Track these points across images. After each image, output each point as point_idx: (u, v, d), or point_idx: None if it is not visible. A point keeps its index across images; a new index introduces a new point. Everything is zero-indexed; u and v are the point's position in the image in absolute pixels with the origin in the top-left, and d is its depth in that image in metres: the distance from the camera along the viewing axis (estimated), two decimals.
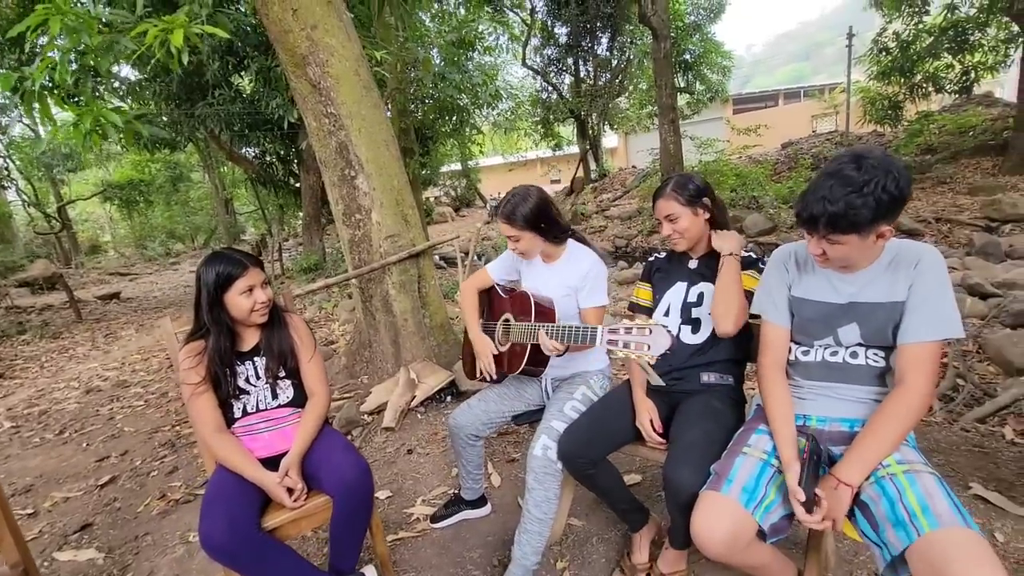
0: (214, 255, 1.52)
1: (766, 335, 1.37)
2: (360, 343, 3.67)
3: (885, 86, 13.54)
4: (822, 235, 1.15)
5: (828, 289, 1.29)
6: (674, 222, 1.57)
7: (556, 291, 1.72)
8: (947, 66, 12.79)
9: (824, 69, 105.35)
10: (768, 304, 1.38)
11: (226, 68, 8.33)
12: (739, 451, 1.26)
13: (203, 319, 1.51)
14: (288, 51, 3.03)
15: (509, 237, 1.71)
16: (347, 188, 3.25)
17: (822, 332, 1.30)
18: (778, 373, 1.33)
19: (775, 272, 1.39)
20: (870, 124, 14.64)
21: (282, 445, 1.55)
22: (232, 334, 1.55)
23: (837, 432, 1.27)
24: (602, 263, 1.73)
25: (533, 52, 18.12)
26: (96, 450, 3.24)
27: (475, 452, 1.89)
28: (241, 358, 1.57)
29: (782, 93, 31.07)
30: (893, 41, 13.02)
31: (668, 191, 1.56)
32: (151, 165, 21.25)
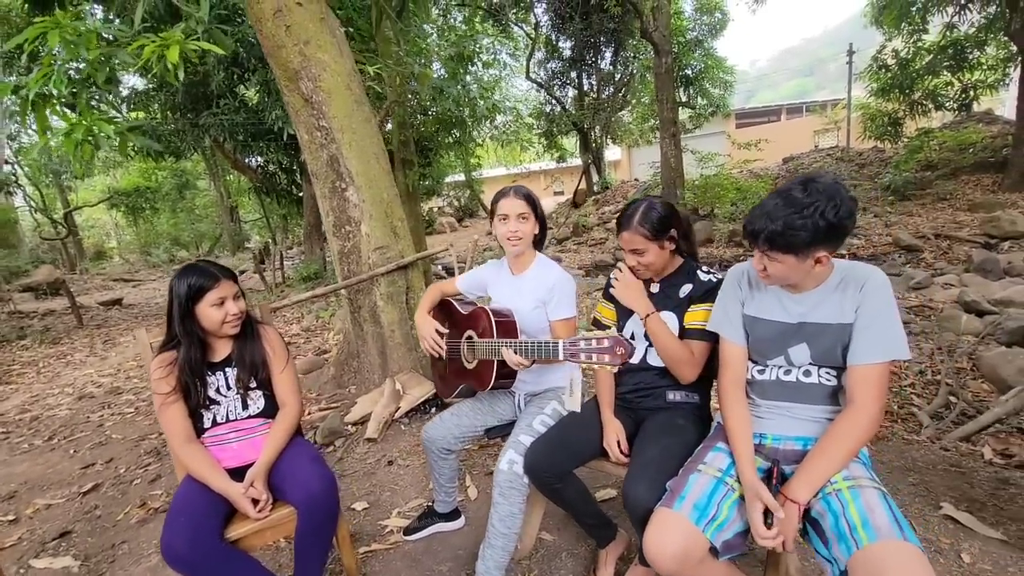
0: (187, 267, 1.55)
1: (724, 353, 1.39)
2: (348, 353, 3.69)
3: (885, 103, 13.62)
4: (762, 251, 1.19)
5: (778, 309, 1.31)
6: (640, 255, 1.53)
7: (526, 304, 1.74)
8: (946, 84, 12.87)
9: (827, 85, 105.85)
10: (724, 322, 1.40)
11: (231, 79, 8.48)
12: (695, 468, 1.27)
13: (175, 330, 1.53)
14: (281, 66, 3.09)
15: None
16: (337, 200, 3.29)
17: (774, 351, 1.32)
18: (737, 391, 1.34)
19: (729, 290, 1.41)
20: (870, 140, 14.69)
21: (251, 455, 1.56)
22: (203, 345, 1.57)
23: (791, 450, 1.28)
24: (569, 276, 1.74)
25: (537, 65, 18.32)
26: (83, 457, 3.26)
27: (448, 465, 1.90)
28: (212, 368, 1.59)
29: (785, 108, 31.22)
30: (892, 58, 13.12)
31: (634, 224, 1.51)
32: (158, 173, 21.48)
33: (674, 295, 1.56)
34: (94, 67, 2.76)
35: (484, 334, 1.66)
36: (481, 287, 1.94)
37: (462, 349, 1.79)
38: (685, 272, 1.58)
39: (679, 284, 1.56)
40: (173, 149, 10.82)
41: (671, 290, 1.58)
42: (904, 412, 2.90)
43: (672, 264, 1.60)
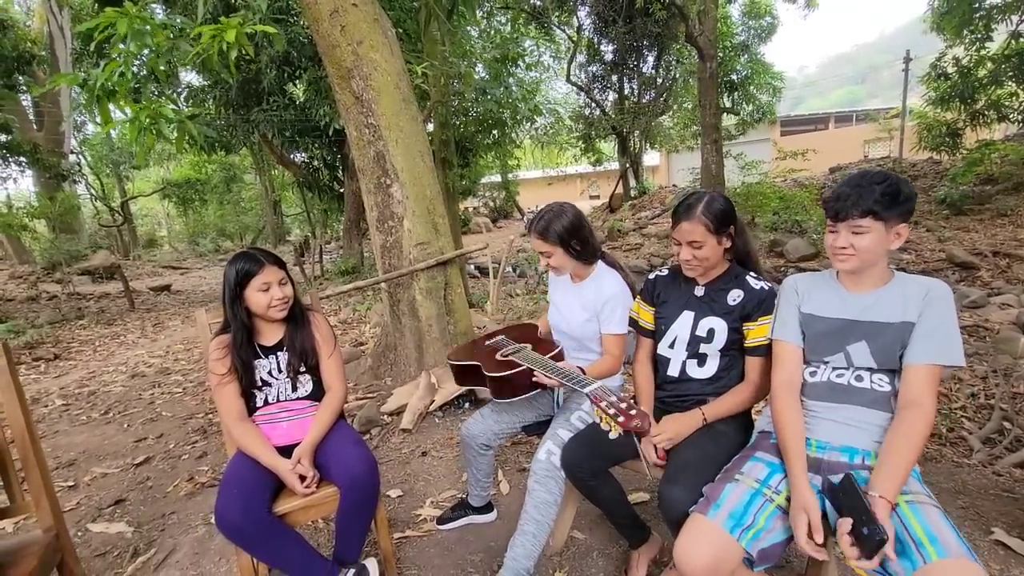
0: (238, 254, 1.63)
1: (778, 353, 1.38)
2: (386, 346, 3.78)
3: (943, 112, 13.01)
4: (852, 223, 1.21)
5: (837, 305, 1.32)
6: (698, 248, 1.47)
7: (578, 313, 1.76)
8: (1011, 94, 12.21)
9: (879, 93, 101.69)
10: (779, 325, 1.39)
11: (281, 77, 8.79)
12: (732, 477, 1.26)
13: (227, 313, 1.61)
14: (335, 64, 3.19)
15: (541, 253, 1.73)
16: (382, 195, 3.38)
17: (831, 348, 1.30)
18: (791, 393, 1.32)
19: (783, 298, 1.41)
20: (926, 151, 14.04)
21: (300, 435, 1.63)
22: (249, 329, 1.64)
23: (835, 462, 1.25)
24: (628, 292, 1.74)
25: (578, 68, 18.28)
26: (135, 431, 3.44)
27: (485, 461, 1.93)
28: (265, 352, 1.67)
29: (833, 116, 30.19)
30: (953, 67, 12.53)
31: (697, 214, 1.45)
32: (208, 166, 22.39)
33: (721, 300, 1.54)
34: (158, 57, 2.91)
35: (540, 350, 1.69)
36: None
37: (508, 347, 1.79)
38: (733, 277, 1.55)
39: (727, 289, 1.54)
40: (224, 143, 11.30)
41: (718, 295, 1.55)
42: (953, 436, 2.78)
43: (719, 266, 1.57)
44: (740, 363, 1.54)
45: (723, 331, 1.51)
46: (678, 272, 1.66)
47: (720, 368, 1.54)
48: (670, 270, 1.71)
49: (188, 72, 11.51)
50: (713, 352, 1.54)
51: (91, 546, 2.16)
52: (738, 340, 1.51)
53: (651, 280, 1.72)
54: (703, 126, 12.71)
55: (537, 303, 6.85)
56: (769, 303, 1.47)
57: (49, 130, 14.57)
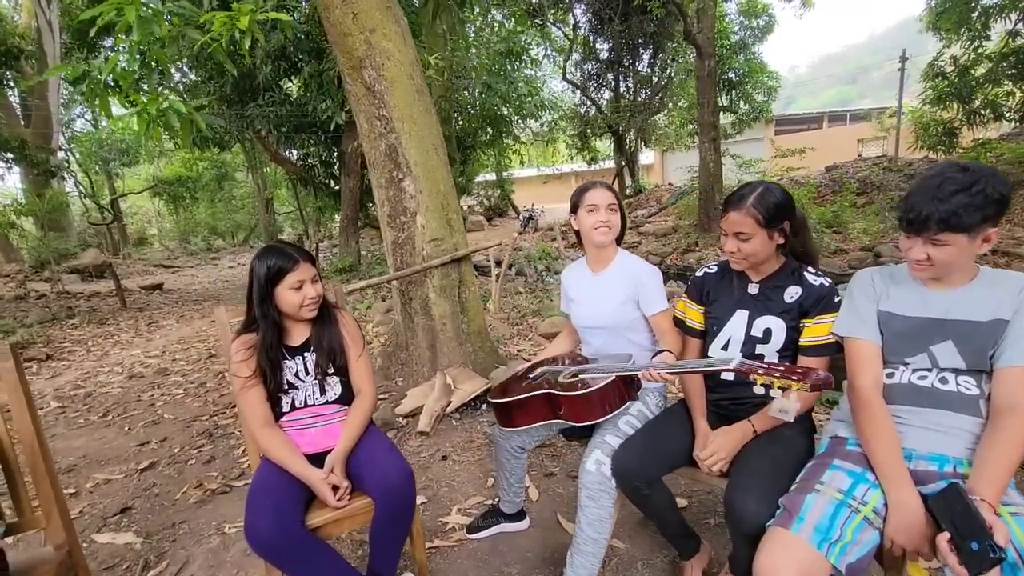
0: (267, 248, 1.52)
1: (859, 353, 1.28)
2: (397, 345, 3.67)
3: (940, 111, 13.07)
4: (930, 236, 1.12)
5: (919, 303, 1.23)
6: (744, 241, 1.39)
7: (611, 300, 1.67)
8: (1007, 93, 12.28)
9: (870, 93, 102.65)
10: (856, 321, 1.30)
11: (278, 72, 8.64)
12: (811, 488, 1.16)
13: (254, 312, 1.50)
14: (346, 53, 3.08)
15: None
16: (394, 190, 3.27)
17: (913, 349, 1.22)
18: (878, 396, 1.23)
19: (859, 291, 1.32)
20: (922, 150, 14.11)
21: (328, 442, 1.53)
22: (279, 328, 1.54)
23: (924, 471, 1.16)
24: (653, 266, 1.68)
25: (574, 66, 18.21)
26: (137, 435, 3.31)
27: (519, 464, 1.84)
28: (291, 353, 1.56)
29: (826, 116, 30.35)
30: (950, 65, 12.58)
31: (748, 204, 1.37)
32: (199, 163, 22.13)
33: (778, 299, 1.45)
34: (164, 44, 2.77)
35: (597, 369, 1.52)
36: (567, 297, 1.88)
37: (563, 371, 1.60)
38: (789, 273, 1.46)
39: (783, 286, 1.45)
40: (218, 140, 11.12)
41: (774, 293, 1.46)
42: None
43: (774, 262, 1.48)
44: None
45: (781, 331, 1.43)
46: (728, 268, 1.58)
47: None
48: (719, 266, 1.62)
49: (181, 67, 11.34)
50: (771, 353, 1.45)
51: (98, 558, 2.04)
52: (797, 340, 1.43)
53: (699, 278, 1.64)
54: (701, 124, 12.66)
55: (540, 301, 6.75)
56: (829, 300, 1.39)
57: (37, 126, 14.26)
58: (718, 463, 1.36)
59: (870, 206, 12.06)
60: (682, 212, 14.43)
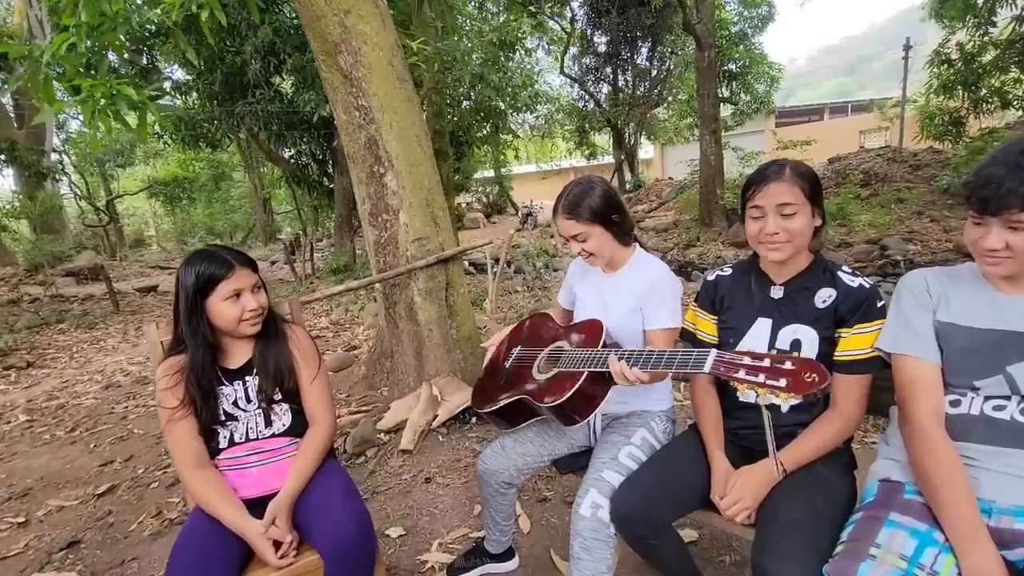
0: (197, 253, 1.28)
1: (913, 376, 1.03)
2: (381, 352, 3.43)
3: (946, 100, 12.78)
4: (1011, 217, 0.89)
5: (989, 311, 0.99)
6: (789, 217, 1.13)
7: (621, 306, 1.43)
8: (1015, 81, 11.99)
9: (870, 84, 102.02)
10: (907, 335, 1.05)
11: (267, 68, 8.41)
12: (864, 553, 0.92)
13: (181, 330, 1.26)
14: (319, 38, 2.83)
15: (574, 237, 1.40)
16: (375, 186, 3.03)
17: (984, 371, 0.97)
18: (942, 431, 0.98)
19: (909, 299, 1.08)
20: (927, 140, 13.82)
21: (275, 482, 1.29)
22: (212, 348, 1.30)
23: (1008, 530, 0.92)
24: (674, 276, 1.42)
25: (571, 60, 17.93)
26: (102, 453, 3.08)
27: (506, 501, 1.59)
28: (229, 377, 1.32)
29: (827, 107, 29.98)
30: (956, 53, 12.28)
31: (788, 173, 1.15)
32: (195, 164, 21.94)
33: (806, 302, 1.20)
34: (115, 25, 2.52)
35: (581, 344, 1.35)
36: (571, 291, 1.65)
37: (538, 359, 1.46)
38: (820, 272, 1.21)
39: (814, 288, 1.20)
40: (210, 139, 10.90)
41: (801, 296, 1.21)
42: None
43: (802, 259, 1.23)
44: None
45: (813, 342, 1.18)
46: (745, 271, 1.33)
47: None
48: (733, 268, 1.37)
49: (171, 67, 11.11)
50: None
51: None
52: (831, 353, 1.18)
53: (710, 282, 1.38)
54: (701, 116, 12.37)
55: (538, 300, 6.52)
56: (871, 305, 1.14)
57: (30, 127, 14.03)
58: (742, 512, 1.12)
59: (875, 198, 11.80)
60: (683, 206, 14.18)
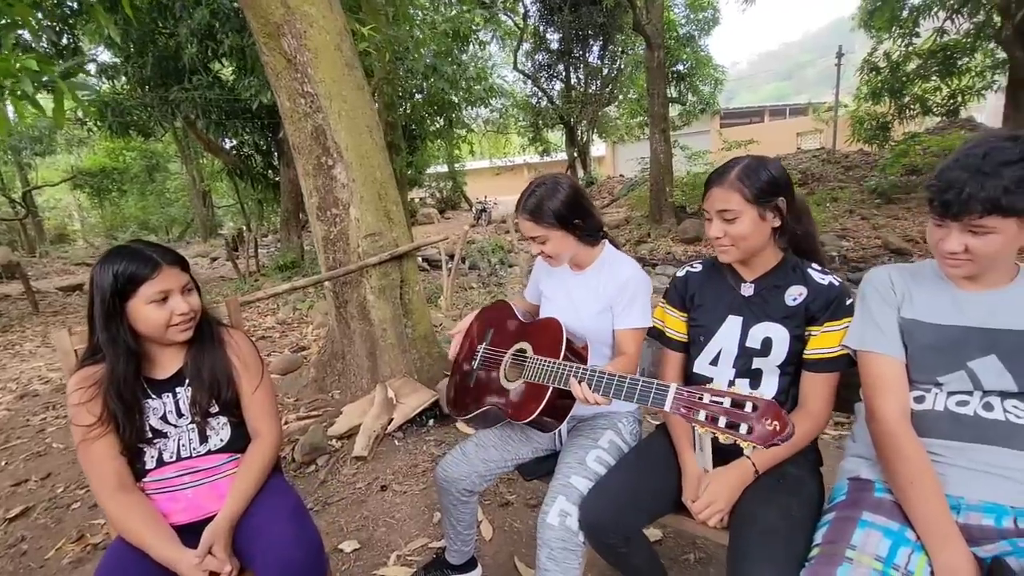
0: (115, 250, 1.12)
1: (878, 372, 1.03)
2: (332, 354, 3.27)
3: (874, 106, 13.62)
4: (972, 222, 0.89)
5: (951, 308, 1.00)
6: (730, 222, 1.14)
7: (590, 306, 1.38)
8: (935, 88, 12.91)
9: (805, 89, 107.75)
10: (873, 332, 1.05)
11: (205, 53, 7.90)
12: (841, 556, 0.90)
13: (97, 337, 1.11)
14: (260, 18, 2.64)
15: (533, 239, 1.36)
16: (323, 179, 2.86)
17: (947, 366, 0.98)
18: (908, 428, 0.98)
19: (874, 295, 1.08)
20: (857, 143, 14.71)
21: (212, 505, 1.16)
22: (136, 357, 1.15)
23: (977, 527, 0.92)
24: (645, 275, 1.37)
25: (524, 56, 17.93)
26: (15, 471, 2.77)
27: (468, 510, 1.51)
28: (157, 389, 1.18)
29: (767, 110, 31.38)
30: (884, 61, 13.09)
31: (731, 177, 1.14)
32: (126, 153, 20.53)
33: (777, 300, 1.19)
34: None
35: (542, 351, 1.28)
36: (536, 287, 1.59)
37: (504, 363, 1.40)
38: (790, 269, 1.21)
39: (784, 286, 1.19)
40: (142, 127, 10.16)
41: (773, 294, 1.20)
42: None
43: (771, 257, 1.22)
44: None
45: (783, 340, 1.17)
46: (715, 267, 1.31)
47: (780, 389, 1.20)
48: (704, 264, 1.35)
49: (96, 48, 10.28)
50: (770, 368, 1.19)
51: None
52: (801, 352, 1.17)
53: (680, 278, 1.36)
54: (651, 115, 12.63)
55: (494, 297, 6.45)
56: (840, 303, 1.14)
57: None
58: (715, 515, 1.09)
59: (811, 196, 12.42)
60: (634, 203, 14.47)
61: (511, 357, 1.39)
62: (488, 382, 1.41)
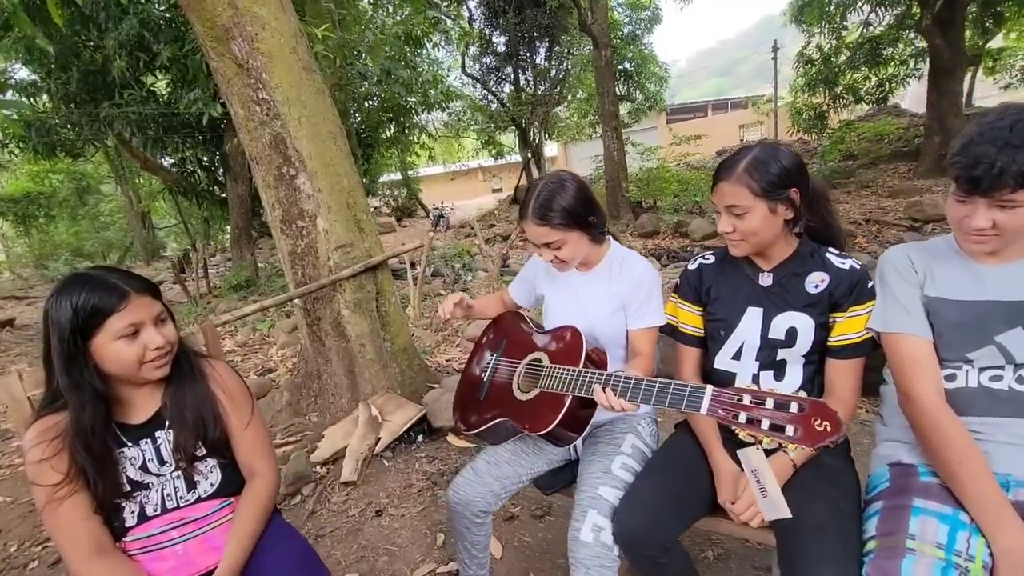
0: (73, 279, 0.97)
1: (909, 354, 1.01)
2: (306, 374, 3.09)
3: (810, 97, 14.29)
4: (1001, 197, 0.87)
5: (973, 284, 0.99)
6: (739, 217, 1.10)
7: (602, 308, 1.31)
8: (864, 78, 13.67)
9: (742, 84, 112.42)
10: (898, 313, 1.03)
11: (136, 65, 7.43)
12: (901, 547, 0.87)
13: (57, 383, 0.96)
14: (206, 21, 2.46)
15: (546, 245, 1.25)
16: (285, 190, 2.70)
17: (975, 342, 0.97)
18: (947, 408, 0.96)
19: (895, 276, 1.06)
20: (797, 133, 15.40)
21: (208, 559, 1.02)
22: (105, 401, 0.99)
23: (1022, 503, 0.91)
24: (655, 270, 1.32)
25: (472, 60, 17.86)
26: None
27: (483, 532, 1.42)
28: (132, 435, 1.03)
29: (710, 104, 32.49)
30: (816, 54, 13.76)
31: (739, 170, 1.09)
32: (52, 176, 19.19)
33: (798, 289, 1.16)
34: None
35: (560, 360, 1.20)
36: (533, 291, 1.50)
37: (518, 373, 1.32)
38: (809, 256, 1.17)
39: (803, 273, 1.16)
40: (69, 147, 9.48)
41: (793, 282, 1.16)
42: None
43: (784, 245, 1.19)
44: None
45: (808, 329, 1.13)
46: (729, 257, 1.27)
47: (805, 379, 1.17)
48: (716, 255, 1.31)
49: (12, 65, 9.53)
50: (795, 358, 1.16)
51: None
52: (826, 339, 1.14)
53: (693, 271, 1.31)
54: (602, 114, 12.81)
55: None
56: (863, 286, 1.11)
57: None
58: (758, 515, 1.04)
59: None
60: None
61: (525, 367, 1.31)
62: (500, 394, 1.33)
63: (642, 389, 1.01)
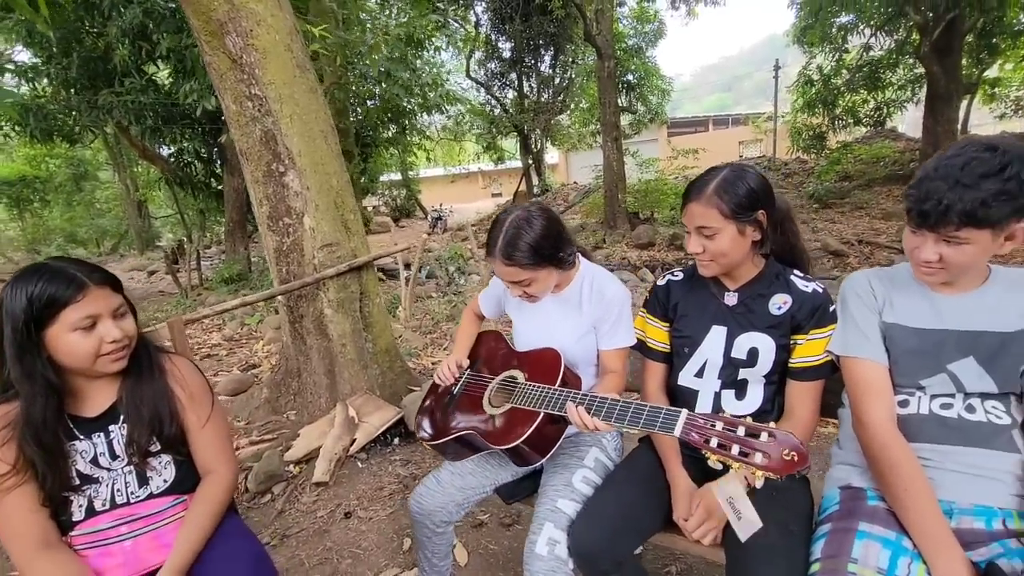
0: (30, 269, 0.96)
1: (864, 378, 1.02)
2: (287, 371, 3.08)
3: (810, 117, 14.42)
4: (947, 233, 0.89)
5: (929, 312, 1.00)
6: (709, 238, 1.11)
7: (571, 330, 1.30)
8: (863, 101, 13.81)
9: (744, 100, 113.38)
10: (856, 337, 1.04)
11: (138, 54, 7.42)
12: (843, 570, 0.88)
13: (8, 373, 0.95)
14: (201, 16, 2.46)
15: (514, 283, 1.23)
16: (274, 186, 2.70)
17: (928, 369, 0.99)
18: (898, 435, 0.97)
19: (855, 301, 1.07)
20: (796, 152, 15.52)
21: (155, 557, 1.02)
22: (59, 393, 0.99)
23: (969, 530, 0.92)
24: (626, 291, 1.32)
25: (477, 65, 17.96)
26: None
27: (444, 540, 1.41)
28: (85, 428, 1.03)
29: (711, 119, 32.72)
30: (817, 74, 13.90)
31: (709, 192, 1.10)
32: (49, 161, 19.10)
33: (762, 310, 1.17)
34: None
35: (536, 379, 1.20)
36: (499, 306, 1.49)
37: (489, 389, 1.31)
38: (773, 278, 1.19)
39: (768, 294, 1.17)
40: (67, 133, 9.45)
41: (757, 303, 1.18)
42: None
43: (753, 265, 1.20)
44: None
45: (769, 350, 1.14)
46: (697, 275, 1.27)
47: (766, 399, 1.18)
48: (685, 273, 1.31)
49: (13, 48, 9.53)
50: (756, 378, 1.17)
51: None
52: (787, 360, 1.15)
53: (662, 287, 1.32)
54: (604, 124, 12.88)
55: (454, 306, 6.34)
56: (824, 310, 1.13)
57: None
58: (709, 533, 1.05)
59: None
60: (588, 210, 14.69)
61: (499, 383, 1.31)
62: (468, 408, 1.32)
63: (616, 410, 1.01)
